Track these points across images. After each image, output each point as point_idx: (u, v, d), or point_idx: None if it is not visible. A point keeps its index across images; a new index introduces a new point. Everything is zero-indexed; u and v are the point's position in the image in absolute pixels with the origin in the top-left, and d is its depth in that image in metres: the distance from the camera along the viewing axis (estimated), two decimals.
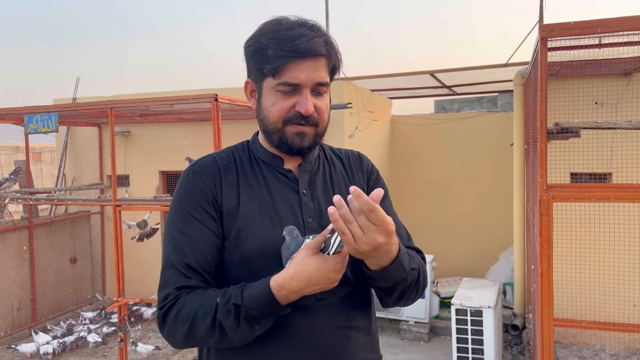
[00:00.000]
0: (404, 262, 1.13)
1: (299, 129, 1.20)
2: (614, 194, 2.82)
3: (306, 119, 1.19)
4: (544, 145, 2.81)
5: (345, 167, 1.36)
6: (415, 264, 1.19)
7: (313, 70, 1.17)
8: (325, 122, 1.24)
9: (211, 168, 1.24)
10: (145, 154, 6.18)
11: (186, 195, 1.22)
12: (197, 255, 1.17)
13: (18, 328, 5.60)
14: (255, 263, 1.17)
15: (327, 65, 1.20)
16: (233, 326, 1.08)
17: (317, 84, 1.18)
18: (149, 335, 5.56)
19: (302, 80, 1.16)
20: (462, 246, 6.89)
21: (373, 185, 1.36)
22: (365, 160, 1.41)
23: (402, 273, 1.13)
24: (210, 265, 1.18)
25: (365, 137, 5.93)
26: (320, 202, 1.25)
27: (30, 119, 4.37)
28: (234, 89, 5.59)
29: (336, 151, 1.41)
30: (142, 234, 5.26)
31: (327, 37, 1.20)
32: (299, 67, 1.15)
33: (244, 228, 1.18)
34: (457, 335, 4.26)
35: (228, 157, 1.29)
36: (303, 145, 1.21)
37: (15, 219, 5.87)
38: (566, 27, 2.70)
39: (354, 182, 1.33)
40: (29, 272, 5.78)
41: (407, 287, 1.18)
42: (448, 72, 5.92)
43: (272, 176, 1.26)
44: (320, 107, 1.21)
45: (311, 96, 1.19)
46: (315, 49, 1.15)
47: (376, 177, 1.40)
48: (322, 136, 1.26)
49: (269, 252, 1.17)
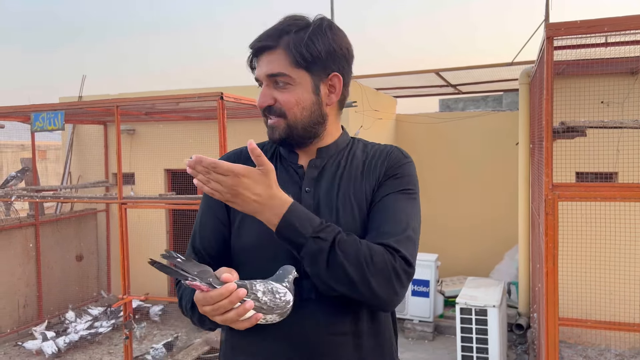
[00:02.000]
0: (299, 227, 1.07)
1: (269, 123, 1.24)
2: (620, 193, 2.80)
3: (268, 111, 1.23)
4: (549, 144, 2.80)
5: (365, 164, 1.27)
6: (327, 237, 1.06)
7: (266, 64, 1.20)
8: (294, 113, 1.20)
9: (233, 158, 1.29)
10: (150, 152, 6.20)
11: None
12: (202, 239, 1.28)
13: (24, 325, 5.63)
14: (248, 256, 1.21)
15: (286, 56, 1.19)
16: (188, 306, 1.20)
17: (268, 75, 1.20)
18: (154, 333, 5.58)
19: (259, 75, 1.23)
20: (467, 245, 6.88)
21: (384, 180, 1.23)
22: (394, 156, 1.27)
23: (298, 236, 1.07)
24: (215, 249, 1.27)
25: (370, 135, 5.92)
26: (320, 201, 1.22)
27: (36, 117, 4.39)
28: (239, 87, 5.60)
29: (369, 147, 1.32)
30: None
31: (288, 28, 1.19)
32: (259, 62, 1.23)
33: (245, 219, 1.22)
34: (462, 334, 4.26)
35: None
36: (274, 137, 1.24)
37: (22, 217, 5.90)
38: (573, 25, 2.69)
39: (367, 180, 1.23)
40: (34, 270, 5.81)
41: (314, 255, 1.06)
42: (453, 71, 5.91)
43: (283, 170, 1.27)
44: (282, 98, 1.20)
45: (273, 89, 1.21)
46: (261, 43, 1.21)
47: (393, 173, 1.24)
48: (300, 127, 1.21)
49: (257, 247, 1.20)
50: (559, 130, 3.04)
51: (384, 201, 1.19)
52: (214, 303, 0.97)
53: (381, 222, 1.16)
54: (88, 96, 6.60)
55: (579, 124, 3.02)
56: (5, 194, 5.17)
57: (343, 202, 1.20)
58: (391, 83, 6.57)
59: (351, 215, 1.19)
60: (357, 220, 1.19)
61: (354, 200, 1.21)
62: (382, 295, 1.08)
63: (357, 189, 1.23)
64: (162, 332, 5.54)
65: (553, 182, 2.81)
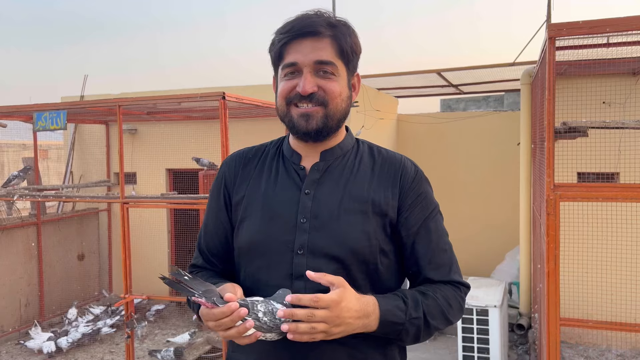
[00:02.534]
0: (395, 319, 1.12)
1: (302, 111, 1.18)
2: (622, 193, 2.81)
3: (308, 98, 1.17)
4: (551, 144, 2.80)
5: (374, 170, 1.24)
6: (419, 313, 1.14)
7: (311, 49, 1.16)
8: (336, 103, 1.19)
9: (237, 159, 1.32)
10: (152, 152, 6.21)
11: (214, 184, 1.33)
12: (207, 240, 1.31)
13: (26, 324, 5.64)
14: (246, 255, 1.22)
15: (333, 46, 1.17)
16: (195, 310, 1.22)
17: (316, 62, 1.16)
18: (155, 332, 5.59)
19: (300, 59, 1.16)
20: (468, 245, 6.87)
21: (413, 201, 1.22)
22: (407, 175, 1.24)
23: (396, 327, 1.13)
24: (218, 249, 1.30)
25: (371, 136, 5.93)
26: (321, 204, 1.19)
27: (39, 117, 4.40)
28: (240, 87, 5.61)
29: (376, 151, 1.30)
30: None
31: (331, 20, 1.18)
32: (296, 47, 1.16)
33: (245, 219, 1.23)
34: (463, 334, 4.26)
35: (259, 149, 1.33)
36: (309, 128, 1.18)
37: (24, 216, 5.92)
38: (575, 26, 2.69)
39: (374, 191, 1.21)
40: (36, 268, 5.82)
41: (415, 333, 1.16)
42: (455, 71, 5.91)
43: (285, 172, 1.25)
44: (327, 86, 1.17)
45: (315, 77, 1.17)
46: (312, 27, 1.15)
47: (415, 199, 1.23)
48: (335, 119, 1.20)
49: (254, 247, 1.20)
50: (561, 130, 3.04)
51: (426, 229, 1.23)
52: (217, 320, 1.03)
53: (432, 254, 1.22)
54: (90, 96, 6.61)
55: (580, 124, 3.02)
56: (8, 193, 5.18)
57: (347, 207, 1.18)
58: (393, 83, 6.58)
59: (357, 219, 1.18)
60: (362, 224, 1.18)
61: (359, 204, 1.19)
62: (455, 321, 1.24)
63: (364, 192, 1.21)
64: (164, 332, 5.55)
65: (555, 183, 2.81)
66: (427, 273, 1.22)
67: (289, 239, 1.17)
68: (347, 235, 1.16)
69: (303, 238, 1.16)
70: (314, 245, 1.15)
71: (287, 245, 1.17)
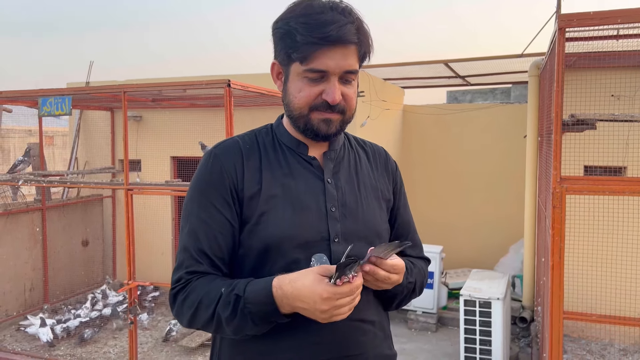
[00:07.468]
0: (403, 281, 1.24)
1: (325, 116, 1.18)
2: (629, 187, 2.78)
3: (333, 108, 1.17)
4: (558, 137, 2.77)
5: (370, 160, 1.36)
6: (413, 278, 1.31)
7: (342, 58, 1.13)
8: (352, 110, 1.22)
9: (233, 151, 1.22)
10: (157, 139, 6.20)
11: (205, 181, 1.21)
12: (210, 241, 1.17)
13: (30, 308, 5.68)
14: (274, 250, 1.16)
15: (357, 52, 1.16)
16: (230, 317, 1.09)
17: (345, 71, 1.15)
18: (158, 319, 5.62)
19: (331, 68, 1.13)
20: (472, 238, 6.87)
21: (398, 192, 1.39)
22: (392, 162, 1.42)
23: (400, 288, 1.26)
24: (223, 252, 1.18)
25: (377, 126, 5.90)
26: (344, 192, 1.24)
27: (44, 102, 4.39)
28: (246, 75, 5.58)
29: (360, 142, 1.40)
30: None
31: (359, 23, 1.15)
32: (327, 54, 1.12)
33: (266, 213, 1.17)
34: (465, 326, 4.26)
35: (251, 140, 1.27)
36: (329, 132, 1.20)
37: (29, 201, 5.93)
38: (585, 17, 2.65)
39: (377, 179, 1.34)
40: (41, 254, 5.85)
41: (404, 297, 1.32)
42: (462, 62, 5.86)
43: (295, 162, 1.24)
44: (348, 94, 1.18)
45: (339, 84, 1.16)
46: (346, 37, 1.11)
47: (400, 183, 1.42)
48: (348, 123, 1.24)
49: (288, 239, 1.15)
50: (569, 122, 3.01)
51: (405, 212, 1.41)
52: (354, 293, 1.05)
53: (411, 235, 1.41)
54: (95, 82, 6.60)
55: (589, 117, 2.99)
56: (13, 179, 5.19)
57: (364, 193, 1.28)
58: (399, 73, 6.53)
59: (374, 204, 1.29)
60: (378, 209, 1.29)
61: (371, 191, 1.30)
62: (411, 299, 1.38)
63: (372, 180, 1.32)
64: (167, 319, 5.58)
65: (561, 175, 2.78)
66: (406, 251, 1.39)
67: (323, 228, 1.19)
68: (372, 220, 1.27)
69: (336, 226, 1.20)
70: (347, 231, 1.21)
71: (322, 235, 1.18)
